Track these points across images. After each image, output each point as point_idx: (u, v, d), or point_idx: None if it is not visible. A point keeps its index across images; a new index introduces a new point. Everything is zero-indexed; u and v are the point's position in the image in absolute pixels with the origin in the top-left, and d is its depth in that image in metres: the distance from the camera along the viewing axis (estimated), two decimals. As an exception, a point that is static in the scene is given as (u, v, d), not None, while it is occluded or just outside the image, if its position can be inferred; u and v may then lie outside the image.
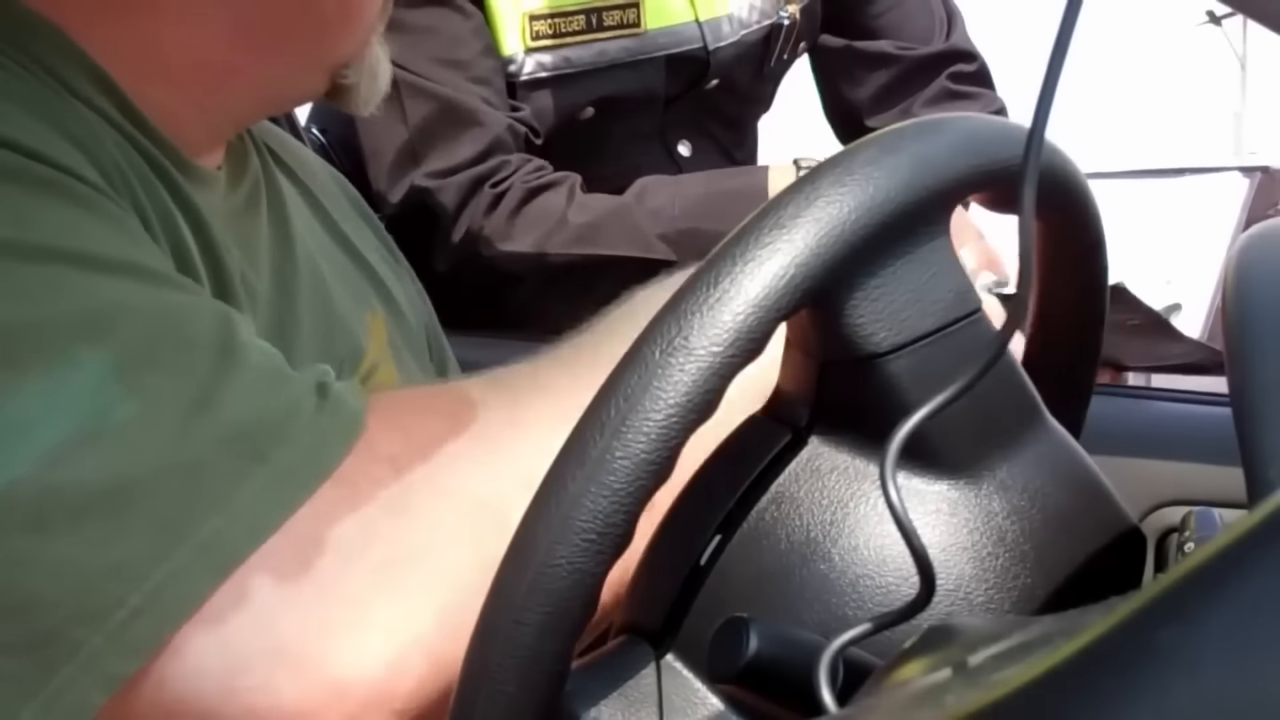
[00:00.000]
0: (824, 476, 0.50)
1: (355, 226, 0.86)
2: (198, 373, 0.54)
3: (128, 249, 0.57)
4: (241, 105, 0.72)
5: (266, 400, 0.55)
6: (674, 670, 0.48)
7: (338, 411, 0.56)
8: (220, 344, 0.55)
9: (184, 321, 0.55)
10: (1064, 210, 0.59)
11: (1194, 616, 0.24)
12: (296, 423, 0.55)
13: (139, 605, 0.51)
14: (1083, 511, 0.52)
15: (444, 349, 0.93)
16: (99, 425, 0.51)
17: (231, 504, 0.52)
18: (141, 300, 0.55)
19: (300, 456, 0.54)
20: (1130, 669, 0.24)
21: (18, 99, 0.59)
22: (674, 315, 0.44)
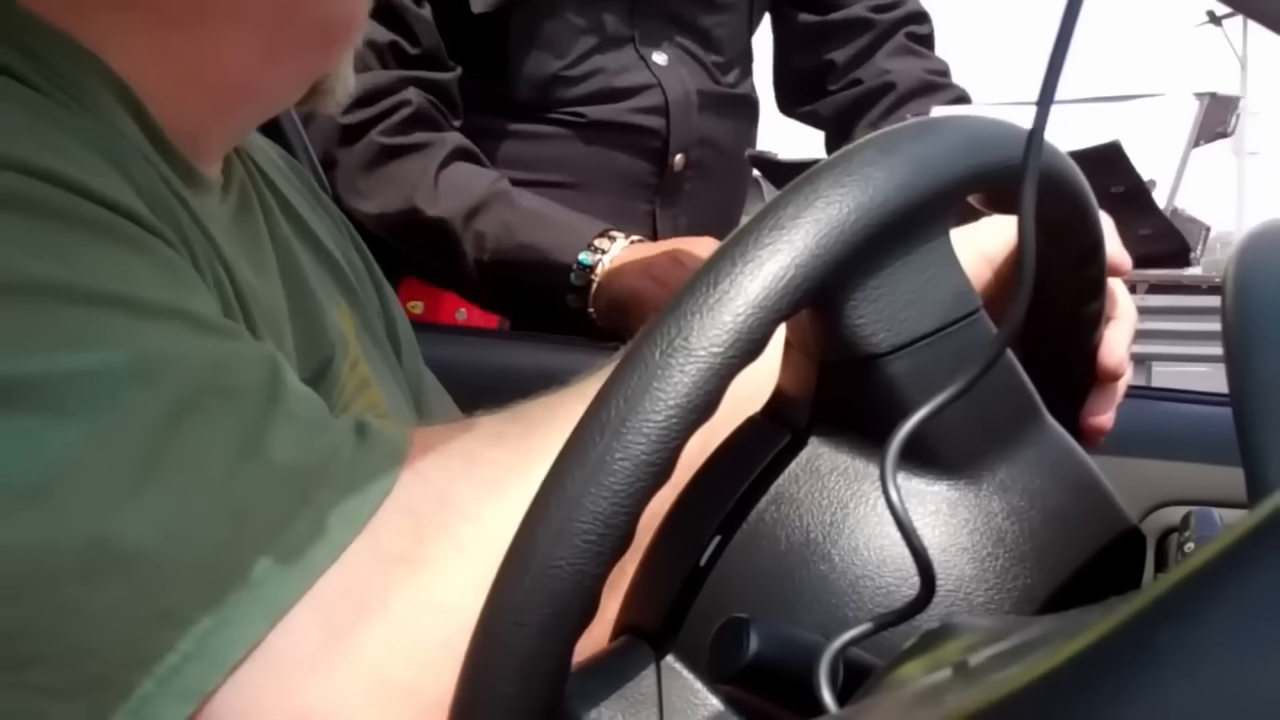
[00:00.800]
0: (824, 477, 0.50)
1: (318, 219, 0.86)
2: (243, 420, 0.54)
3: (176, 293, 0.57)
4: (254, 117, 0.73)
5: (309, 443, 0.55)
6: (674, 671, 0.48)
7: (375, 450, 0.56)
8: (265, 391, 0.55)
9: (230, 369, 0.55)
10: (1063, 210, 0.59)
11: (1194, 616, 0.24)
12: (338, 464, 0.55)
13: (189, 651, 0.51)
14: (1083, 512, 0.52)
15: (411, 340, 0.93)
16: (146, 473, 0.51)
17: (278, 547, 0.52)
18: (189, 348, 0.55)
19: (346, 500, 0.54)
20: (1130, 669, 0.24)
21: (69, 128, 0.59)
22: (674, 316, 0.44)
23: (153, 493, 0.51)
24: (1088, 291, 0.66)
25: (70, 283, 0.53)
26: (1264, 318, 0.46)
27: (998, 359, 0.43)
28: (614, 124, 1.53)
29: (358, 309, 0.84)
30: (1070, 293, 0.65)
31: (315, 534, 0.53)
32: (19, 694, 0.50)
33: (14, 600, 0.50)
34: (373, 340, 0.85)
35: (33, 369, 0.51)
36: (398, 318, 0.92)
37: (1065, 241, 0.61)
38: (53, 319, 0.53)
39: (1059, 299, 0.65)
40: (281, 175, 0.84)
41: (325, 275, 0.82)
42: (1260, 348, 0.45)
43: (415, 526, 0.55)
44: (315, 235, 0.83)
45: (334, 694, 0.52)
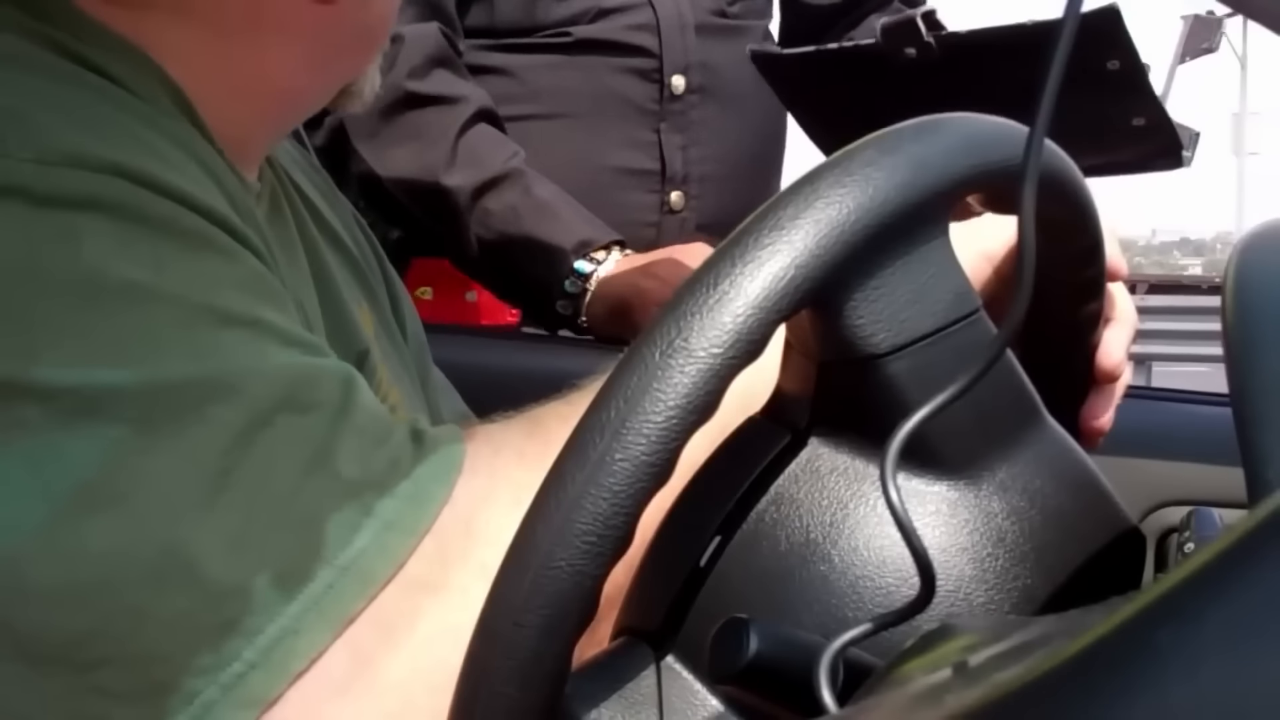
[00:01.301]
0: (824, 478, 0.50)
1: (335, 215, 0.87)
2: (314, 435, 0.55)
3: (262, 306, 0.58)
4: (293, 122, 0.75)
5: (372, 455, 0.56)
6: (674, 671, 0.48)
7: (433, 460, 0.57)
8: (337, 406, 0.56)
9: (306, 384, 0.56)
10: (1063, 210, 0.59)
11: (1194, 616, 0.24)
12: (397, 475, 0.56)
13: (253, 659, 0.51)
14: (1082, 512, 0.52)
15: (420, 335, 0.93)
16: (219, 487, 0.52)
17: (342, 559, 0.53)
18: (270, 363, 0.56)
19: (404, 511, 0.55)
20: (1130, 669, 0.24)
21: (167, 134, 0.59)
22: (673, 317, 0.44)
23: (224, 505, 0.52)
24: (1087, 291, 0.66)
25: (161, 291, 0.54)
26: (1264, 318, 0.46)
27: (998, 359, 0.43)
28: (603, 42, 1.50)
29: (376, 308, 0.85)
30: (1070, 293, 0.65)
31: (376, 546, 0.54)
32: (84, 697, 0.51)
33: (84, 604, 0.51)
34: (389, 338, 0.86)
35: (119, 379, 0.52)
36: (407, 312, 0.92)
37: (1065, 241, 0.61)
38: (141, 327, 0.53)
39: (1059, 299, 0.65)
40: (301, 173, 0.85)
41: (349, 275, 0.83)
42: (1260, 348, 0.45)
43: (439, 550, 0.56)
44: (338, 235, 0.84)
45: (358, 717, 0.53)
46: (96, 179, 0.54)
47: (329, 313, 0.75)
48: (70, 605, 0.51)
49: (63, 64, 0.60)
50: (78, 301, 0.52)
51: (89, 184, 0.54)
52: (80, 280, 0.53)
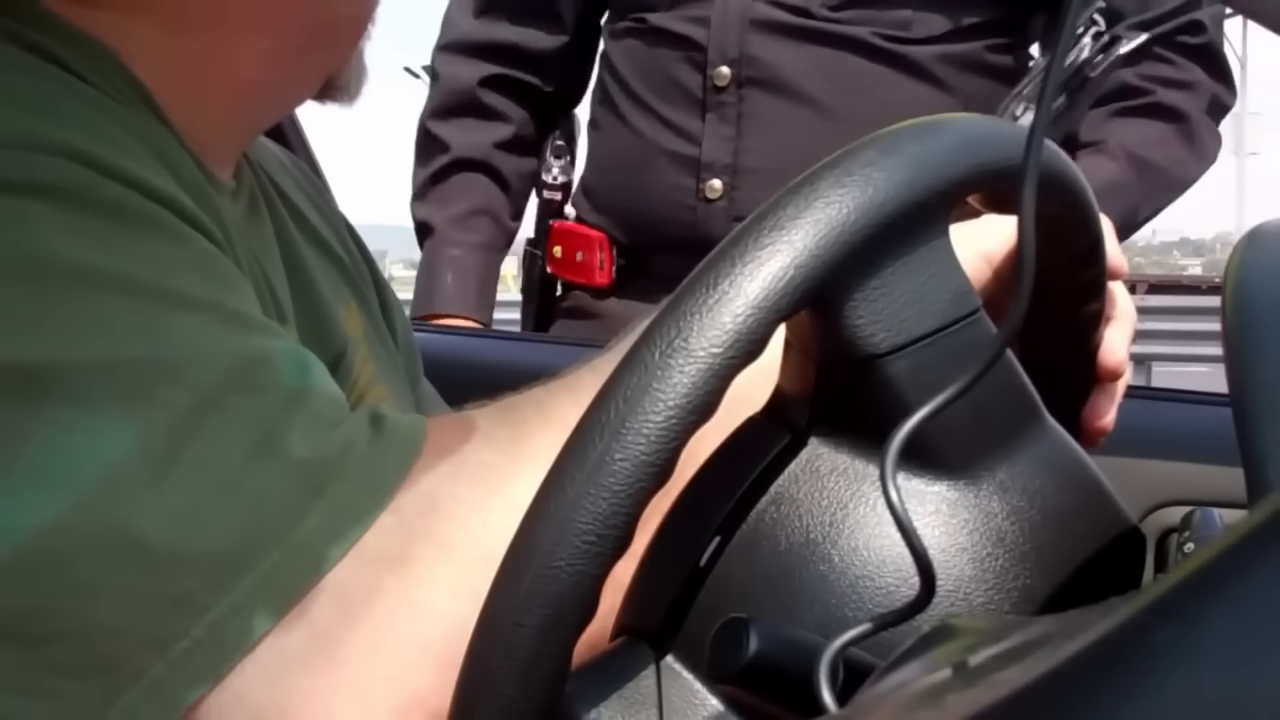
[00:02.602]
0: (824, 477, 0.50)
1: (323, 221, 0.87)
2: (265, 416, 0.55)
3: (215, 288, 0.58)
4: (266, 118, 0.74)
5: (326, 437, 0.56)
6: (674, 671, 0.48)
7: (390, 444, 0.57)
8: (290, 389, 0.56)
9: (257, 366, 0.56)
10: (1063, 210, 0.59)
11: (1194, 616, 0.24)
12: (351, 458, 0.56)
13: (201, 636, 0.52)
14: (1082, 511, 0.52)
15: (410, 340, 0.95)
16: (167, 463, 0.52)
17: (292, 539, 0.53)
18: (220, 344, 0.56)
19: (356, 494, 0.55)
20: (1130, 669, 0.24)
21: (120, 121, 0.60)
22: (673, 317, 0.44)
23: (172, 484, 0.52)
24: (1088, 291, 0.66)
25: (110, 273, 0.54)
26: (1264, 318, 0.46)
27: (998, 359, 0.43)
28: (663, 30, 1.56)
29: (365, 308, 0.86)
30: (1070, 293, 0.65)
31: (326, 528, 0.54)
32: (34, 672, 0.51)
33: (33, 579, 0.51)
34: (378, 338, 0.86)
35: (66, 357, 0.52)
36: (397, 316, 0.93)
37: (1065, 241, 0.61)
38: (90, 308, 0.54)
39: (1059, 299, 0.65)
40: (287, 176, 0.85)
41: (334, 275, 0.83)
42: (1260, 348, 0.45)
43: (400, 527, 0.56)
44: (322, 237, 0.84)
45: (317, 689, 0.53)
46: (45, 161, 0.55)
47: (306, 310, 0.75)
48: (19, 581, 0.51)
49: (16, 52, 0.60)
50: (26, 283, 0.53)
51: (38, 167, 0.54)
52: (28, 262, 0.53)
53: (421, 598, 0.55)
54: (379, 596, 0.54)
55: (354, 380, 0.77)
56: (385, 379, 0.82)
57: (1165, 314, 10.41)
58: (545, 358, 1.38)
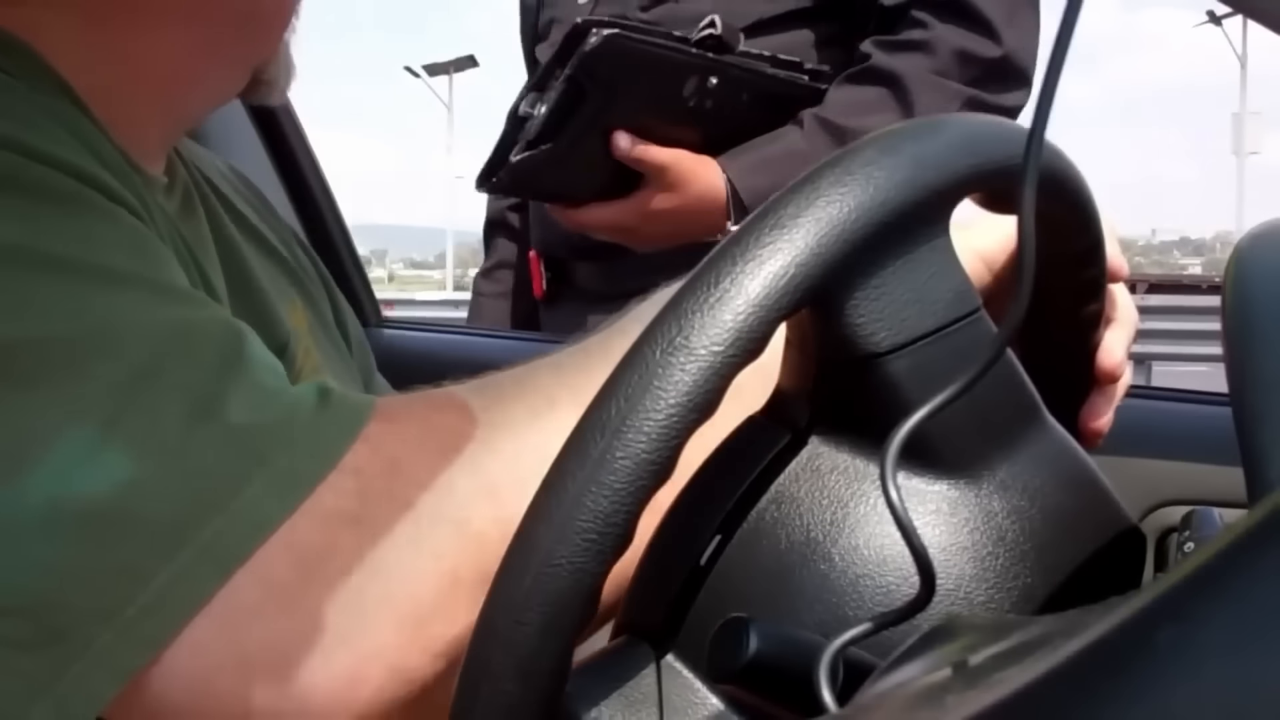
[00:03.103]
0: (824, 476, 0.50)
1: (267, 223, 0.89)
2: (202, 384, 0.55)
3: (141, 262, 0.58)
4: (193, 111, 0.75)
5: (266, 408, 0.56)
6: (674, 670, 0.48)
7: (337, 414, 0.58)
8: (225, 358, 0.57)
9: (191, 337, 0.57)
10: (1063, 210, 0.59)
11: (1194, 616, 0.24)
12: (295, 428, 0.56)
13: (147, 603, 0.52)
14: (1083, 511, 0.52)
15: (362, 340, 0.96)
16: (106, 437, 0.53)
17: (232, 508, 0.54)
18: (151, 316, 0.56)
19: (298, 461, 0.56)
20: (1130, 669, 0.24)
21: (33, 102, 0.61)
22: (674, 315, 0.44)
23: (112, 455, 0.53)
24: (1087, 291, 0.66)
25: (39, 252, 0.55)
26: (1264, 318, 0.46)
27: (998, 358, 0.43)
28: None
29: (310, 304, 0.87)
30: (1070, 293, 0.65)
31: (268, 494, 0.55)
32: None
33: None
34: (325, 333, 0.88)
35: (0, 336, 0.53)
36: (348, 318, 0.94)
37: (1065, 241, 0.61)
38: (17, 286, 0.55)
39: (1059, 299, 0.65)
40: (229, 184, 0.87)
41: (276, 272, 0.85)
42: (1260, 347, 0.45)
43: (360, 488, 0.56)
44: (264, 236, 0.86)
45: (275, 639, 0.54)
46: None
47: (244, 303, 0.76)
48: None
49: None
50: None
51: None
52: None
53: (380, 556, 0.56)
54: (336, 554, 0.55)
55: (298, 370, 0.79)
56: (333, 370, 0.84)
57: (1165, 313, 10.42)
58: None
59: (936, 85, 1.43)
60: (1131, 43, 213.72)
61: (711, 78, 1.33)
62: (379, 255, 77.92)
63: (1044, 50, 0.39)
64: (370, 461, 0.57)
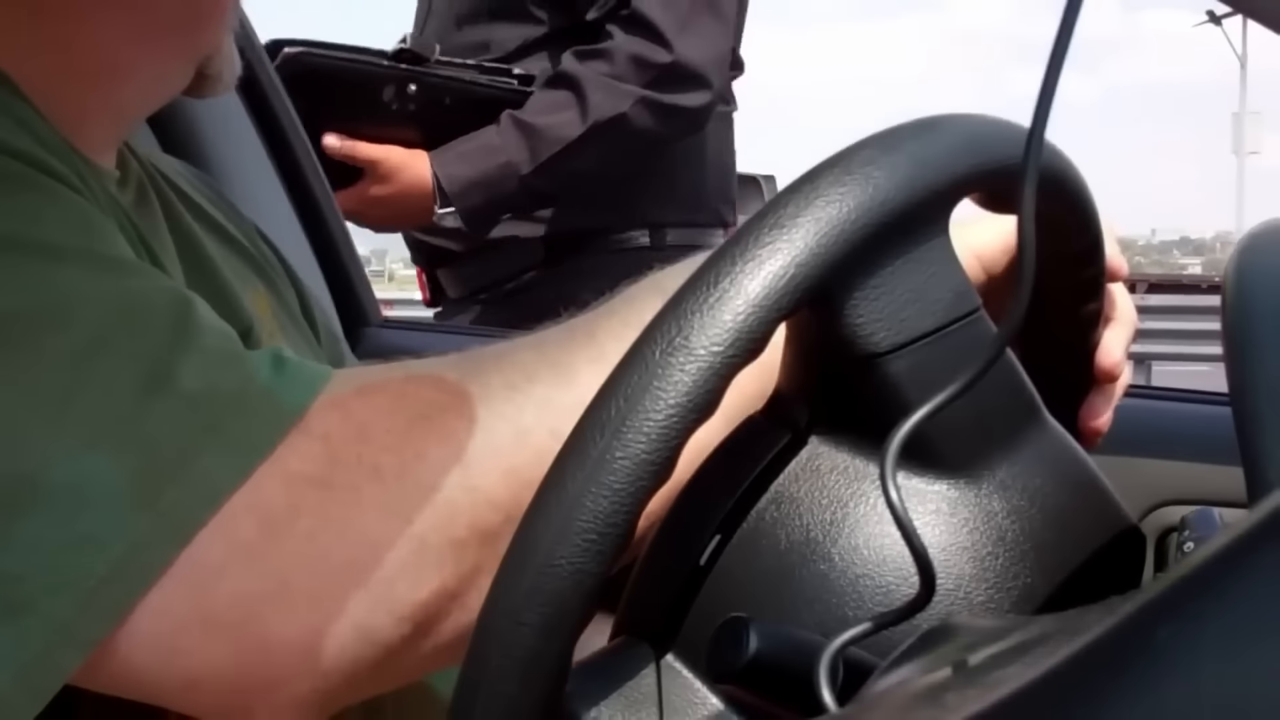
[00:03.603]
0: (824, 476, 0.50)
1: (228, 218, 0.89)
2: (153, 353, 0.56)
3: (85, 235, 0.59)
4: (135, 101, 0.75)
5: (220, 374, 0.57)
6: (674, 670, 0.48)
7: (292, 382, 0.58)
8: (175, 325, 0.57)
9: (139, 307, 0.57)
10: (1063, 210, 0.59)
11: (1194, 616, 0.24)
12: (249, 394, 0.57)
13: (106, 574, 0.53)
14: (1083, 511, 0.52)
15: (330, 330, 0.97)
16: (59, 409, 0.54)
17: (188, 475, 0.54)
18: (98, 288, 0.57)
19: (253, 426, 0.56)
20: (1130, 669, 0.24)
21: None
22: (674, 315, 0.44)
23: (66, 427, 0.54)
24: (1087, 291, 0.66)
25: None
26: (1264, 318, 0.46)
27: (998, 358, 0.43)
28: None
29: (273, 291, 0.88)
30: (1070, 293, 0.65)
31: (224, 461, 0.55)
32: None
33: None
34: (290, 319, 0.88)
35: None
36: (315, 310, 0.95)
37: (1065, 241, 0.61)
38: None
39: (1059, 299, 0.65)
40: (185, 180, 0.87)
41: (237, 261, 0.85)
42: (1260, 347, 0.45)
43: (328, 453, 0.57)
44: (222, 227, 0.86)
45: (240, 596, 0.55)
46: None
47: (203, 290, 0.75)
48: None
49: None
50: None
51: None
52: None
53: (347, 518, 0.56)
54: (302, 515, 0.56)
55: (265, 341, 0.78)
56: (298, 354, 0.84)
57: (1165, 313, 10.41)
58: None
59: (608, 86, 1.61)
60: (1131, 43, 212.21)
61: (410, 85, 1.56)
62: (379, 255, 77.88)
63: (1044, 50, 0.39)
64: (339, 427, 0.57)
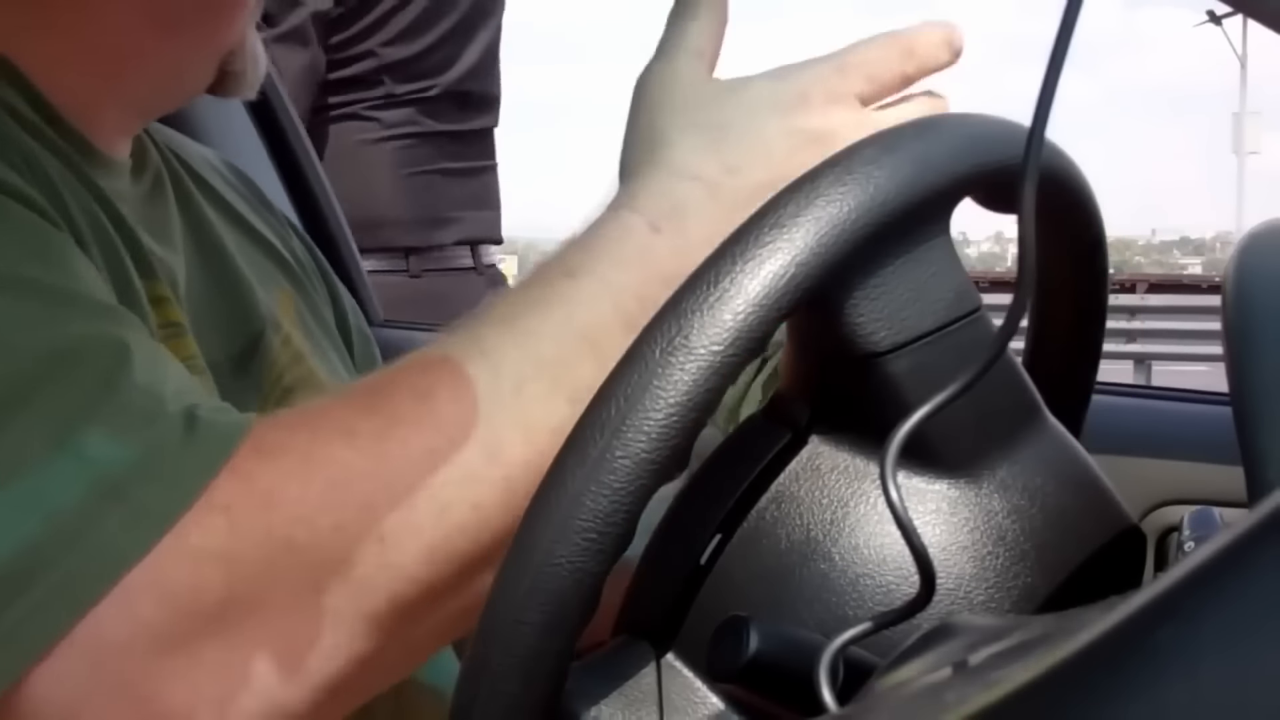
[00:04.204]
0: (824, 476, 0.50)
1: (258, 214, 0.88)
2: (69, 411, 0.54)
3: (34, 264, 0.56)
4: (149, 93, 0.73)
5: (132, 437, 0.55)
6: (674, 670, 0.48)
7: (202, 445, 0.56)
8: (101, 379, 0.55)
9: (69, 356, 0.55)
10: (1064, 209, 0.59)
11: (1194, 616, 0.24)
12: (156, 460, 0.54)
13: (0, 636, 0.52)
14: (1083, 511, 0.52)
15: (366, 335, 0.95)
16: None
17: (86, 545, 0.53)
18: (31, 332, 0.55)
19: (156, 495, 0.54)
20: (1130, 669, 0.24)
21: None
22: (674, 314, 0.44)
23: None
24: (1088, 291, 0.66)
25: None
26: (1264, 318, 0.46)
27: (998, 358, 0.43)
28: None
29: (301, 293, 0.86)
30: (1070, 292, 0.65)
31: (126, 531, 0.53)
32: None
33: None
34: (317, 323, 0.86)
35: None
36: (349, 311, 0.93)
37: (1065, 241, 0.61)
38: None
39: (1059, 298, 0.65)
40: (217, 175, 0.86)
41: (262, 259, 0.84)
42: (1260, 347, 0.45)
43: (230, 525, 0.54)
44: (251, 226, 0.85)
45: (145, 676, 0.53)
46: None
47: (219, 288, 0.75)
48: None
49: None
50: None
51: None
52: None
53: (254, 594, 0.55)
54: (206, 591, 0.54)
55: (274, 359, 0.77)
56: (320, 356, 0.82)
57: (1165, 313, 10.43)
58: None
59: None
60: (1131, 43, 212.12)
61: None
62: (379, 254, 78.11)
63: (1043, 50, 0.39)
64: (242, 497, 0.55)
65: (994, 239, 73.43)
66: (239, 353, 0.75)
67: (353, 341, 0.92)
